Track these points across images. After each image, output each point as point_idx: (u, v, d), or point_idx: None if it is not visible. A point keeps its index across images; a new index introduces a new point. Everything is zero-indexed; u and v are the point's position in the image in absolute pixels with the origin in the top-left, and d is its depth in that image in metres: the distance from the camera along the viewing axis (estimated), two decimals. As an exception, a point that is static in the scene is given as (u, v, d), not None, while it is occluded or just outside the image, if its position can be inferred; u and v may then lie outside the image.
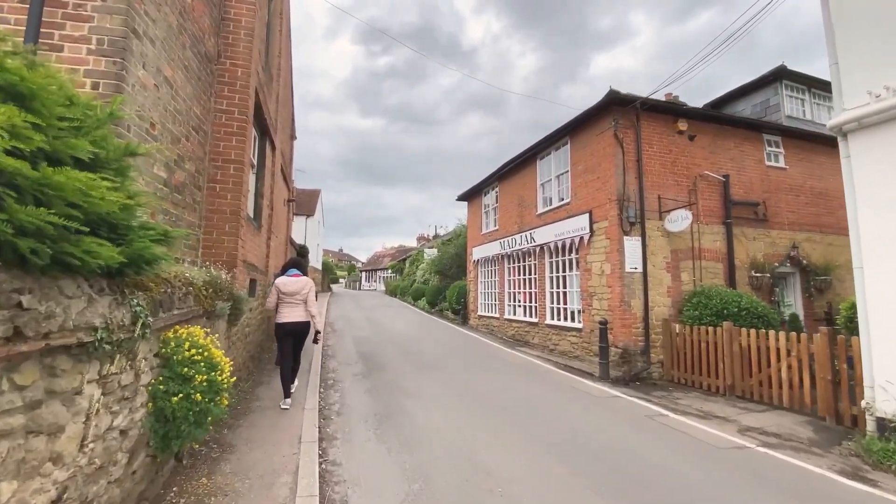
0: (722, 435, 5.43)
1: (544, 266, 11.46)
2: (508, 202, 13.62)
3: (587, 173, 9.81)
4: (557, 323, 10.79)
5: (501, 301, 13.82)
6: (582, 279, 9.80)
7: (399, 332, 13.98)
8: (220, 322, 4.48)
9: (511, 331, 13.08)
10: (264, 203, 7.43)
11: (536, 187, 11.98)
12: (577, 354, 9.84)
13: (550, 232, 11.00)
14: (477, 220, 16.20)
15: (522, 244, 12.41)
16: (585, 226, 9.65)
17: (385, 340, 11.93)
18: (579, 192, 10.06)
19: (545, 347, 11.15)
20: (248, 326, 6.27)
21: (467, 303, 16.69)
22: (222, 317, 4.21)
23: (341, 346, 10.68)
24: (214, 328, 4.13)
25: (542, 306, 11.47)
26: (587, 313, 9.59)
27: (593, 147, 9.68)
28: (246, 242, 5.96)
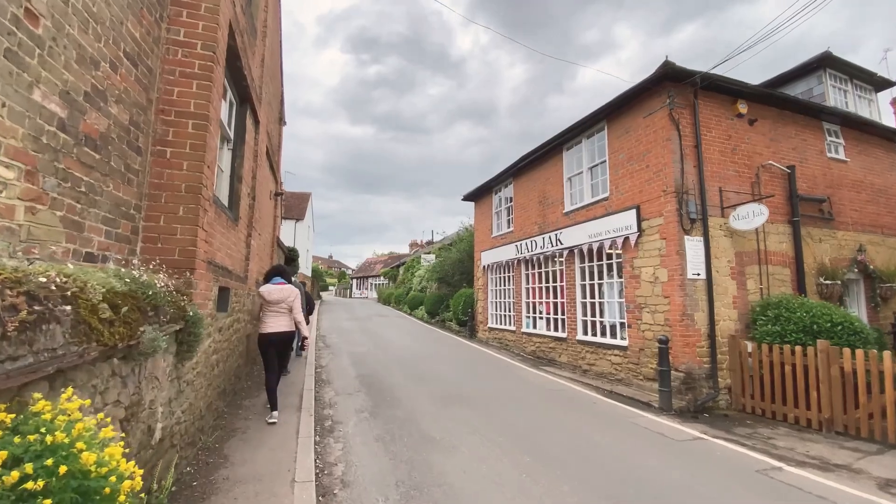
0: (867, 497, 3.94)
1: (574, 272, 9.90)
2: (526, 200, 12.08)
3: (632, 162, 8.30)
4: (592, 339, 9.20)
5: (518, 312, 12.21)
6: (627, 287, 8.25)
7: (402, 347, 12.26)
8: (159, 359, 2.79)
9: (531, 346, 11.46)
10: (243, 189, 5.75)
11: (563, 182, 10.45)
12: (621, 377, 8.26)
13: (583, 232, 9.46)
14: (486, 222, 14.63)
15: (545, 247, 10.85)
16: (632, 224, 8.12)
17: (388, 359, 10.21)
18: (622, 184, 8.54)
19: (576, 367, 9.55)
20: (217, 353, 4.55)
21: (475, 313, 15.06)
22: (160, 352, 2.53)
23: (337, 368, 8.94)
24: (140, 374, 2.45)
25: (571, 319, 9.89)
26: (635, 328, 8.02)
27: (640, 132, 8.19)
28: (213, 236, 4.28)
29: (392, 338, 14.31)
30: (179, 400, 3.33)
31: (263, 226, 8.22)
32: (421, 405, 6.26)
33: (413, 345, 12.91)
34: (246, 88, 5.59)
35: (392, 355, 10.78)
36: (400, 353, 11.11)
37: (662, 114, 7.69)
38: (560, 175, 10.57)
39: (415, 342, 13.52)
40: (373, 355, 10.67)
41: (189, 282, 3.42)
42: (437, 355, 11.14)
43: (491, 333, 13.83)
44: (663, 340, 6.94)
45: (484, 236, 14.74)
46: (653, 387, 7.54)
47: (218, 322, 4.48)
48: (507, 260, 12.77)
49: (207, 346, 4.03)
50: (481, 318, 14.63)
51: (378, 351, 11.40)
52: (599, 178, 9.34)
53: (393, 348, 11.97)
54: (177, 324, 2.90)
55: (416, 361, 10.05)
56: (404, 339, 14.01)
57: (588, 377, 8.94)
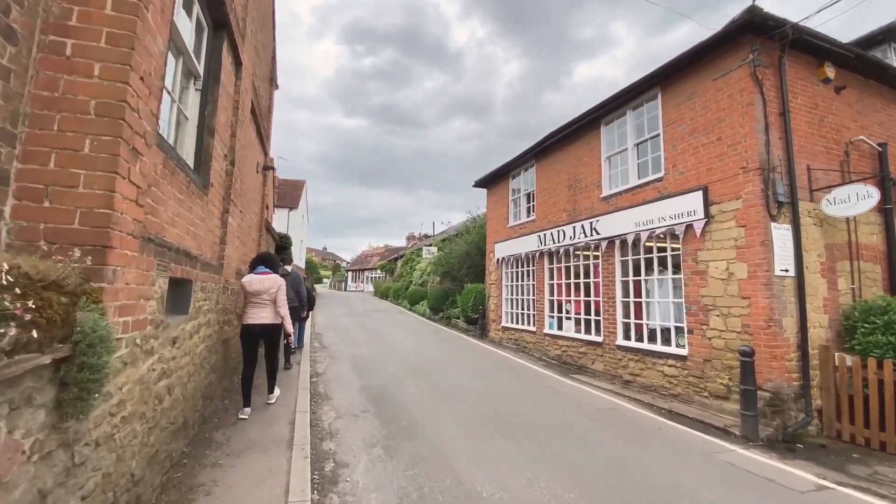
0: None
1: (613, 266, 8.49)
2: (552, 185, 10.64)
3: (697, 135, 6.88)
4: (637, 345, 7.83)
5: (540, 311, 10.81)
6: (689, 285, 6.87)
7: (409, 349, 10.83)
8: None
9: (555, 350, 10.08)
10: (217, 148, 4.25)
11: (600, 162, 9.02)
12: (677, 392, 6.90)
13: (626, 220, 8.05)
14: (501, 210, 13.18)
15: (576, 238, 9.44)
16: (696, 208, 6.72)
17: (396, 364, 8.78)
18: (682, 162, 7.13)
19: (615, 377, 8.18)
20: (169, 376, 3.06)
21: (486, 311, 13.65)
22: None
23: (337, 377, 7.49)
24: None
25: (609, 321, 8.50)
26: (698, 335, 6.65)
27: (708, 97, 6.77)
28: (162, 202, 2.81)
29: (396, 337, 12.87)
30: (77, 478, 1.87)
31: (248, 203, 6.71)
32: (450, 434, 4.84)
33: (421, 346, 11.48)
34: (222, 8, 4.07)
35: (400, 359, 9.35)
36: (408, 357, 9.68)
37: (742, 74, 6.27)
38: (596, 154, 9.14)
39: (422, 343, 12.09)
40: (377, 359, 9.23)
41: (97, 271, 1.96)
42: (451, 359, 9.72)
43: (505, 333, 12.44)
44: (747, 352, 5.56)
45: (498, 226, 13.29)
46: (722, 406, 6.20)
47: (170, 331, 3.00)
48: (527, 252, 11.35)
49: (144, 373, 2.56)
50: (494, 317, 13.23)
51: (383, 353, 9.96)
52: (650, 155, 7.92)
53: (399, 350, 10.54)
54: (47, 349, 1.44)
55: (429, 368, 8.63)
56: (410, 339, 12.58)
57: (632, 390, 7.58)
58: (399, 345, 11.44)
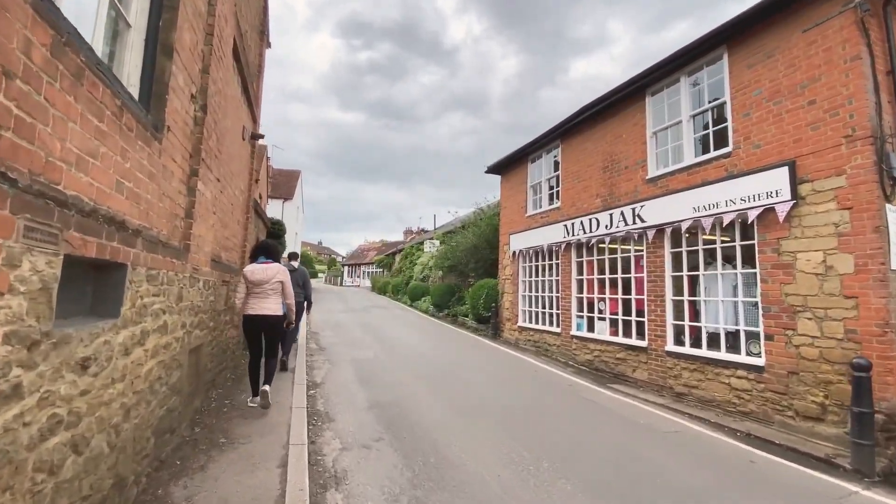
0: None
1: (662, 259, 7.30)
2: (582, 167, 9.42)
3: (781, 99, 5.68)
4: (694, 352, 6.65)
5: (566, 310, 9.61)
6: (767, 281, 5.68)
7: (418, 351, 9.61)
8: None
9: (585, 354, 8.90)
10: (176, 78, 2.98)
11: (645, 138, 7.81)
12: (750, 410, 5.73)
13: (682, 204, 6.85)
14: (518, 198, 11.94)
15: (614, 226, 8.24)
16: (781, 188, 5.53)
17: (407, 371, 7.56)
18: (759, 132, 5.93)
19: (663, 388, 7.01)
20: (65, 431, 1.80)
21: (499, 309, 12.44)
22: None
23: (339, 387, 6.26)
24: None
25: (657, 322, 7.32)
26: (781, 341, 5.47)
27: (795, 52, 5.56)
28: (61, 122, 1.56)
29: (401, 336, 11.64)
30: None
31: (231, 175, 5.43)
32: (495, 477, 3.62)
33: (429, 347, 10.26)
34: None
35: (410, 364, 8.13)
36: (419, 361, 8.46)
37: (844, 21, 5.07)
38: (640, 129, 7.92)
39: (430, 343, 10.87)
40: (384, 364, 8.00)
41: None
42: (467, 364, 8.52)
43: (522, 334, 11.24)
44: (863, 366, 4.39)
45: (514, 215, 12.06)
46: (814, 430, 5.04)
47: (71, 349, 1.75)
48: (551, 244, 10.14)
49: None
50: (508, 315, 12.02)
51: (389, 357, 8.73)
52: (711, 128, 6.72)
53: (406, 352, 9.31)
54: None
55: (444, 375, 7.42)
56: (416, 339, 11.35)
57: (688, 404, 6.42)
58: (405, 346, 10.21)
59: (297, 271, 6.90)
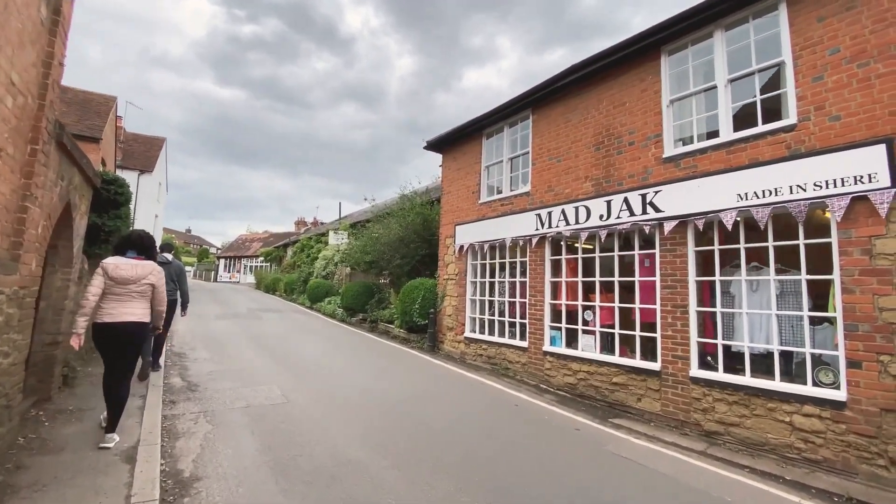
0: None
1: (685, 259, 5.77)
2: (564, 143, 7.62)
3: (869, 60, 4.38)
4: (732, 379, 5.19)
5: (538, 319, 7.74)
6: (853, 291, 4.36)
7: (350, 382, 6.85)
8: None
9: (565, 376, 7.12)
10: None
11: (660, 108, 6.23)
12: (822, 457, 4.39)
13: (719, 190, 5.37)
14: (469, 181, 9.81)
15: (613, 217, 6.56)
16: (876, 171, 4.23)
17: (351, 429, 4.88)
18: (838, 101, 4.60)
19: (684, 423, 5.49)
20: None
21: (439, 316, 10.18)
22: None
23: (234, 498, 3.40)
24: None
25: (675, 339, 5.77)
26: (872, 369, 4.17)
27: (887, 3, 4.31)
28: None
29: (315, 357, 8.67)
30: None
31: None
32: None
33: (365, 375, 7.55)
34: None
35: (349, 412, 5.43)
36: (360, 403, 5.79)
37: (978, -45, 3.89)
38: (653, 96, 6.34)
39: (362, 367, 8.15)
40: (305, 416, 5.19)
41: None
42: (431, 402, 6.09)
43: (470, 347, 9.15)
44: None
45: (463, 202, 9.90)
46: (934, 490, 3.78)
47: None
48: (517, 237, 8.21)
49: None
50: (451, 323, 9.83)
51: (309, 397, 5.89)
52: (757, 95, 5.32)
53: (333, 386, 6.52)
54: None
55: (415, 429, 4.92)
56: (340, 361, 8.52)
57: (724, 450, 4.94)
58: (326, 373, 7.37)
59: (170, 265, 6.38)
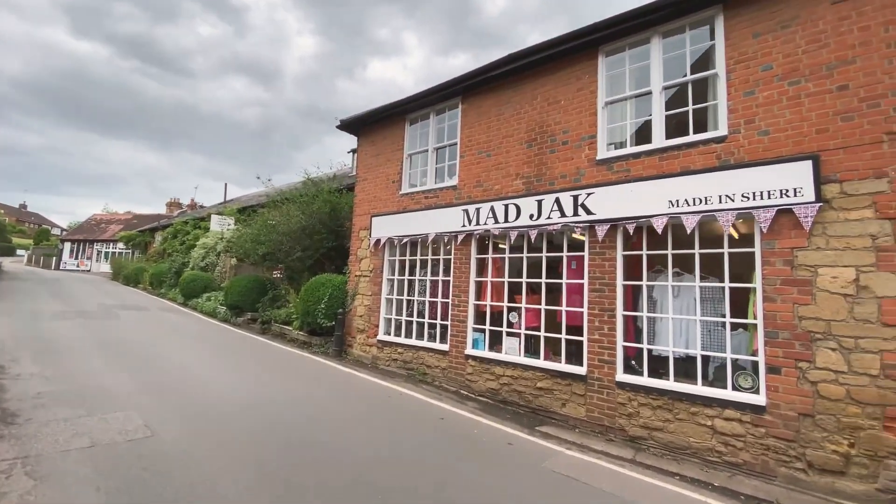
0: None
1: (614, 263, 5.71)
2: (495, 138, 7.21)
3: (800, 79, 4.65)
4: (657, 383, 5.22)
5: (461, 321, 7.24)
6: (775, 300, 4.56)
7: (242, 403, 5.59)
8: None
9: (488, 381, 6.73)
10: None
11: (596, 108, 6.11)
12: (743, 460, 4.55)
13: (651, 195, 5.37)
14: (389, 169, 8.94)
15: (544, 217, 6.32)
16: (802, 186, 4.47)
17: (234, 469, 3.79)
18: (767, 116, 4.80)
19: (609, 428, 5.43)
20: None
21: (348, 318, 9.16)
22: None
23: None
24: None
25: (602, 343, 5.68)
26: (792, 375, 4.40)
27: (822, 26, 4.60)
28: None
29: (191, 369, 7.09)
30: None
31: None
32: None
33: (258, 390, 6.30)
34: None
35: (238, 449, 4.29)
36: (254, 432, 4.65)
37: (885, 0, 4.28)
38: (589, 96, 6.20)
39: (253, 379, 6.84)
40: (180, 457, 3.96)
41: None
42: (346, 426, 5.16)
43: (384, 351, 8.34)
44: (948, 417, 3.46)
45: (381, 191, 9.00)
46: (834, 486, 4.11)
47: None
48: (441, 233, 7.62)
49: None
50: (363, 325, 8.89)
51: (182, 427, 4.59)
52: (690, 105, 5.42)
53: (216, 408, 5.23)
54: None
55: (332, 469, 4.00)
56: (224, 373, 7.07)
57: (650, 455, 4.94)
58: (206, 390, 5.99)
59: None
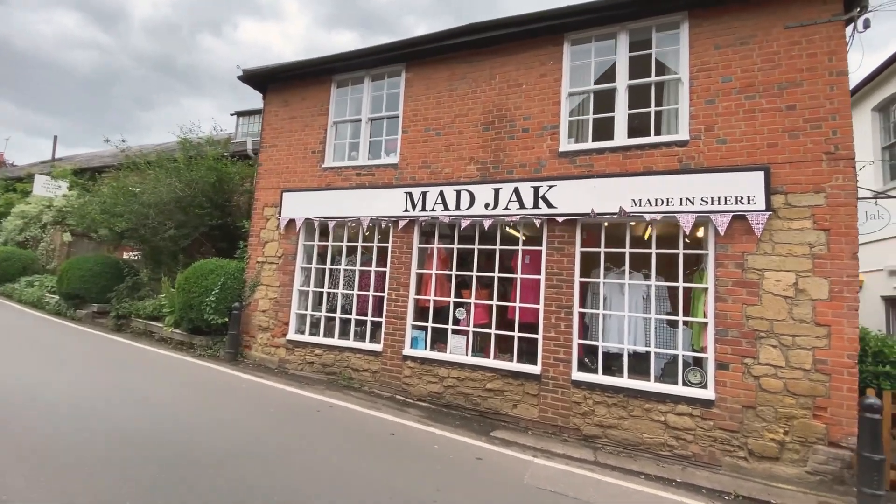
0: None
1: (572, 258, 5.55)
2: (446, 115, 6.51)
3: (755, 95, 4.95)
4: (611, 381, 5.21)
5: (398, 317, 6.42)
6: (726, 300, 4.82)
7: (100, 429, 3.98)
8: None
9: (430, 384, 6.10)
10: None
11: (559, 97, 5.84)
12: (692, 453, 4.78)
13: (612, 192, 5.32)
14: (306, 137, 7.55)
15: (501, 207, 5.89)
16: (754, 195, 4.78)
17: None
18: (725, 126, 5.04)
19: (563, 428, 5.31)
20: None
21: (246, 313, 7.57)
22: None
23: None
24: None
25: (557, 341, 5.49)
26: (738, 370, 4.71)
27: (776, 48, 4.95)
28: None
29: (10, 383, 5.00)
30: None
31: None
32: None
33: (125, 410, 4.65)
34: None
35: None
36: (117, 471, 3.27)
37: (832, 32, 4.76)
38: (552, 83, 5.91)
39: (107, 392, 5.08)
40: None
41: None
42: (269, 457, 4.01)
43: (296, 353, 7.07)
44: (875, 407, 3.96)
45: (296, 163, 7.57)
46: (771, 471, 4.54)
47: None
48: (377, 217, 6.67)
49: None
50: (269, 323, 7.42)
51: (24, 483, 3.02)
52: (652, 106, 5.47)
53: (56, 441, 3.63)
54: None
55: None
56: (69, 388, 5.14)
57: (607, 454, 4.94)
58: (36, 413, 4.21)
59: None
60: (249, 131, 14.76)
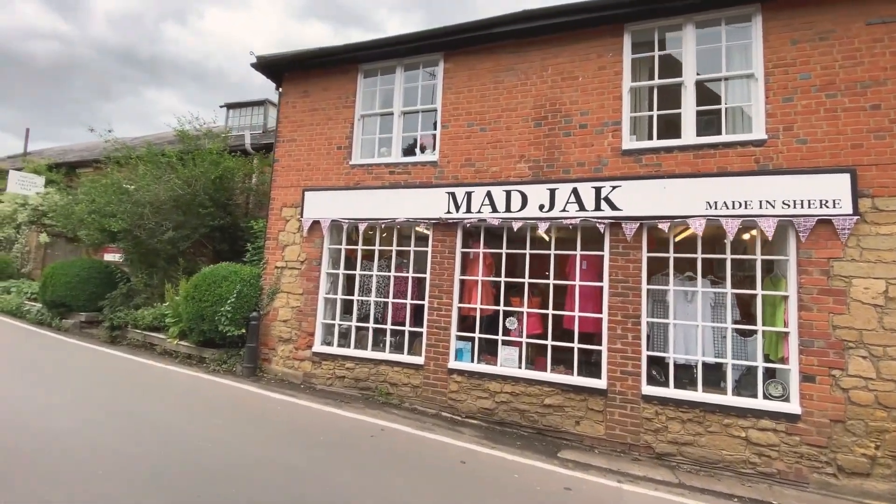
0: None
1: (639, 264, 5.20)
2: (492, 109, 6.02)
3: (836, 93, 4.70)
4: (687, 395, 4.90)
5: (441, 328, 5.93)
6: (810, 308, 4.56)
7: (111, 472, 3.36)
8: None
9: (480, 400, 5.65)
10: None
11: (620, 91, 5.45)
12: (777, 470, 4.51)
13: (687, 194, 5.00)
14: (334, 131, 6.92)
15: (558, 209, 5.48)
16: (840, 198, 4.53)
17: None
18: (805, 125, 4.76)
19: (633, 446, 4.97)
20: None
21: (265, 323, 6.91)
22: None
23: None
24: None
25: (626, 352, 5.14)
26: (825, 383, 4.47)
27: (857, 45, 4.71)
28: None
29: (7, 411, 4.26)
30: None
31: None
32: None
33: (135, 441, 4.02)
34: None
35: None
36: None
37: (912, 25, 4.56)
38: (612, 77, 5.52)
39: (138, 428, 4.41)
40: None
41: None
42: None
43: (324, 367, 6.49)
44: None
45: (320, 159, 6.94)
46: (862, 487, 4.31)
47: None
48: (414, 219, 6.15)
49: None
50: (288, 333, 6.79)
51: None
52: (725, 103, 5.17)
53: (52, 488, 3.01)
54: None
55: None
56: (81, 416, 4.43)
57: (689, 475, 4.63)
58: (32, 446, 3.54)
59: None
60: (241, 124, 13.84)
